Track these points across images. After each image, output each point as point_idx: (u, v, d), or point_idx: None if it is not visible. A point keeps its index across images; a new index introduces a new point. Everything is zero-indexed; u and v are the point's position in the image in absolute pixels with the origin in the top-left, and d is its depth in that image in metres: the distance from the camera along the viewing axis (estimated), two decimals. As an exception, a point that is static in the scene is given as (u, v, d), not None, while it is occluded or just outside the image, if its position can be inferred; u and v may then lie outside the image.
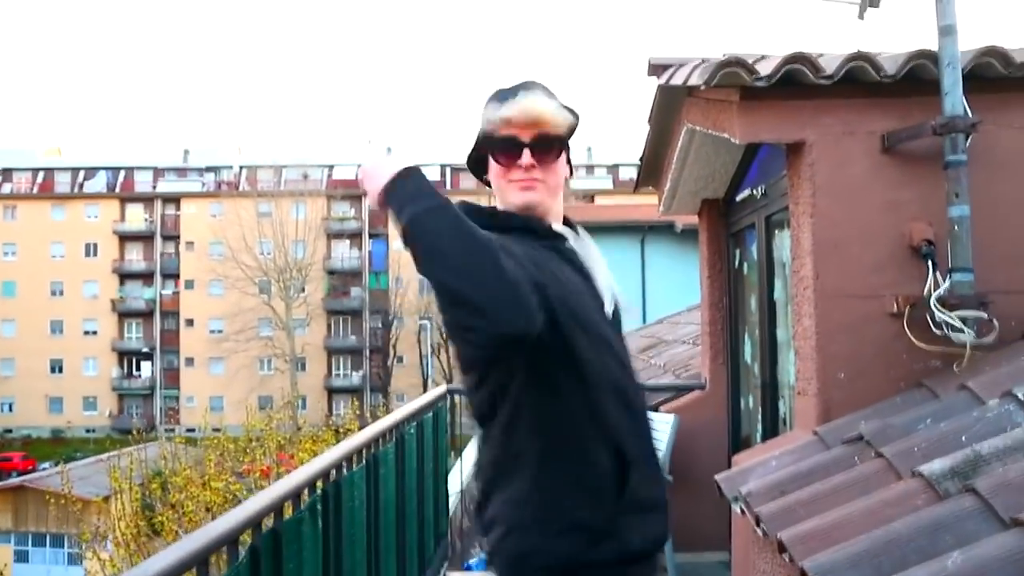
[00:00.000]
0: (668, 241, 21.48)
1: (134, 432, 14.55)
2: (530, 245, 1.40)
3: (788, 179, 3.33)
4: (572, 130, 1.57)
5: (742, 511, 2.53)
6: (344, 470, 2.30)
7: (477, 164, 1.62)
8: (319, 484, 2.11)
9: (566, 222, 1.61)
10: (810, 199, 3.09)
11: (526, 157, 1.51)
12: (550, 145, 1.53)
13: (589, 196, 46.50)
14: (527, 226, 1.49)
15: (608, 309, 1.51)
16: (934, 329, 2.82)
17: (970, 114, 2.90)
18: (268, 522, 1.78)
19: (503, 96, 1.54)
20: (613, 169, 52.87)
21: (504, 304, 1.12)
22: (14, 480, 31.68)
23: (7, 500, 29.03)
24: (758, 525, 2.27)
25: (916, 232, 3.01)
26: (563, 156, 1.57)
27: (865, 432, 2.44)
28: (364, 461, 2.51)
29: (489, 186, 1.61)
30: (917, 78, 3.04)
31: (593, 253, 1.59)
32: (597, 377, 1.37)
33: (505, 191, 1.55)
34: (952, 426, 2.24)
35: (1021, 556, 1.47)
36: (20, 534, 28.61)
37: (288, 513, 1.86)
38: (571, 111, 1.56)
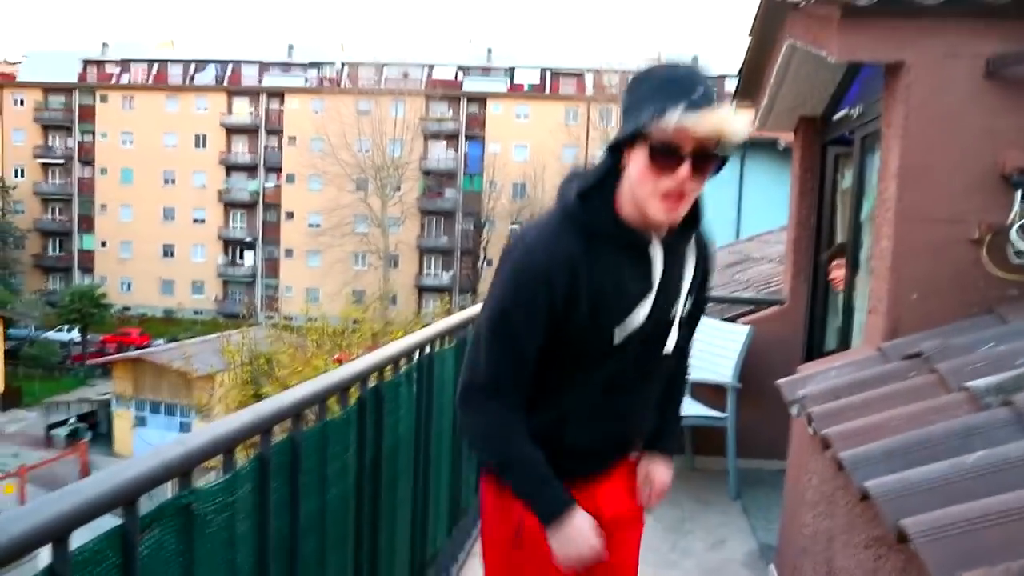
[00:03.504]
0: (769, 158, 20.76)
1: (242, 316, 15.62)
2: (610, 252, 1.52)
3: (883, 100, 3.32)
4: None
5: (798, 413, 2.72)
6: (437, 346, 2.60)
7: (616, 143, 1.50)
8: (415, 356, 2.41)
9: (692, 214, 1.57)
10: (902, 121, 3.10)
11: (684, 171, 1.42)
12: (711, 159, 1.44)
13: (690, 108, 44.86)
14: (619, 238, 1.52)
15: (674, 308, 1.61)
16: (1013, 258, 2.86)
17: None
18: (373, 381, 2.10)
19: (684, 88, 1.39)
20: (719, 80, 50.82)
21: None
22: (133, 353, 34.58)
23: (127, 370, 31.79)
24: (809, 424, 2.46)
25: (1010, 160, 3.00)
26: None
27: (925, 349, 2.56)
28: (455, 342, 2.81)
29: (619, 164, 1.50)
30: (1034, 0, 2.95)
31: (687, 257, 1.63)
32: (583, 367, 1.57)
33: (647, 197, 1.46)
34: (1009, 349, 2.33)
35: (1037, 458, 1.63)
36: (139, 401, 31.44)
37: (388, 376, 2.17)
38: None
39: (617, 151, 1.50)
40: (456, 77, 52.39)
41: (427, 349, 2.48)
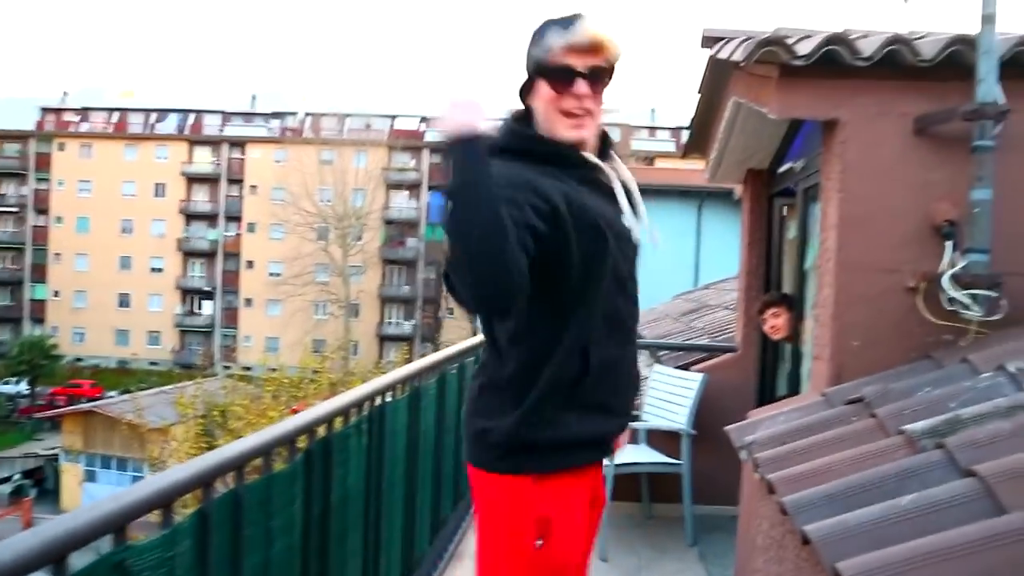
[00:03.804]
0: (725, 208, 21.30)
1: (199, 366, 15.38)
2: (560, 176, 1.56)
3: (822, 155, 3.46)
4: (618, 61, 1.62)
5: (746, 458, 2.76)
6: (389, 397, 2.61)
7: (522, 89, 1.66)
8: (366, 406, 2.41)
9: (603, 141, 1.69)
10: (839, 175, 3.23)
11: (582, 87, 1.57)
12: (603, 76, 1.60)
13: (650, 158, 45.97)
14: (565, 158, 1.60)
15: (633, 230, 1.66)
16: (946, 305, 2.97)
17: (1001, 101, 2.99)
18: (322, 432, 2.09)
19: (566, 23, 1.57)
20: (676, 132, 52.09)
21: (493, 293, 1.34)
22: (84, 405, 33.58)
23: (78, 424, 30.85)
24: (756, 469, 2.50)
25: (940, 212, 3.13)
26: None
27: (867, 394, 2.64)
28: (407, 392, 2.81)
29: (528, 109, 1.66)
30: (955, 63, 3.13)
31: (625, 176, 1.71)
32: (590, 295, 1.56)
33: (555, 122, 1.60)
34: (944, 392, 2.42)
35: (965, 499, 1.68)
36: (89, 456, 30.43)
37: (338, 427, 2.17)
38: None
39: (524, 100, 1.65)
40: (419, 127, 52.93)
41: (378, 400, 2.48)
